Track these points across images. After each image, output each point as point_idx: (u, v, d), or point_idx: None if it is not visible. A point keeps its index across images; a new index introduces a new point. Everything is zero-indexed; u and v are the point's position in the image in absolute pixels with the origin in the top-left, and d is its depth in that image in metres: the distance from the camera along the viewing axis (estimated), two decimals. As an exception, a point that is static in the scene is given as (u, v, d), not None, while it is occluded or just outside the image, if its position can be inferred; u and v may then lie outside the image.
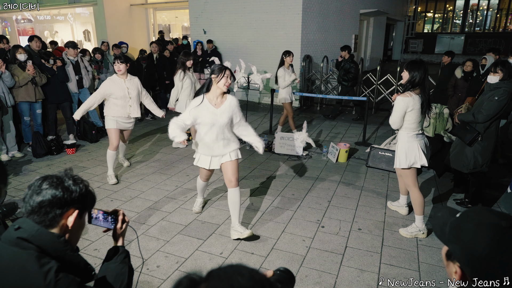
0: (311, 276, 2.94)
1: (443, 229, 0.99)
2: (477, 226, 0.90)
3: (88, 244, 3.35)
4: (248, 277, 0.69)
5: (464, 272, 0.92)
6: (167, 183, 4.78)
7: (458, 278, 0.95)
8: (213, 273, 0.72)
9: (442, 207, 1.07)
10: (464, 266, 0.91)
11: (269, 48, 9.62)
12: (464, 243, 0.91)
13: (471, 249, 0.89)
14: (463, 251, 0.91)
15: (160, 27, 15.05)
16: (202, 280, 0.71)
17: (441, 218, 1.02)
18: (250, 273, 0.71)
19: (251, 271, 0.72)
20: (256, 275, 0.71)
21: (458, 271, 0.94)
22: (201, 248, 3.32)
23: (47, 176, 1.27)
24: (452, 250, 0.95)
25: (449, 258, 0.98)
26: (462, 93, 6.38)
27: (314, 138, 6.63)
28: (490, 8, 23.26)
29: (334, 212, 4.01)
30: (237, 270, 0.72)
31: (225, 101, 3.29)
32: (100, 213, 1.50)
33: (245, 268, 0.73)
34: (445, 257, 1.00)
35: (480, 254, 0.87)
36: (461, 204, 4.16)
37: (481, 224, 0.90)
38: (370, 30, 15.48)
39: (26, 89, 5.60)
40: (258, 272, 0.73)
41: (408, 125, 3.35)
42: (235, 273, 0.70)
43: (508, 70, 3.62)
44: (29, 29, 16.53)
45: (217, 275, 0.71)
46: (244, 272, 0.71)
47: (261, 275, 0.73)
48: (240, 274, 0.70)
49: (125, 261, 1.51)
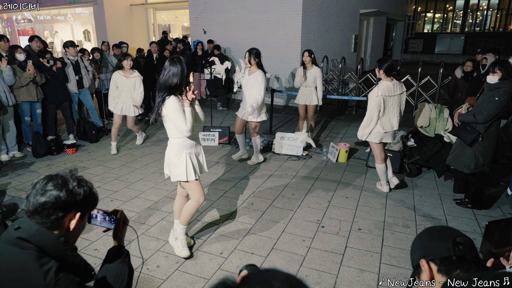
0: (311, 276, 2.94)
1: (413, 257, 1.31)
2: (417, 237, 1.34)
3: (88, 244, 3.35)
4: (286, 282, 0.68)
5: (428, 262, 1.20)
6: (167, 183, 4.78)
7: (428, 271, 1.20)
8: (250, 278, 0.71)
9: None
10: (424, 256, 1.22)
11: (269, 48, 9.62)
12: (414, 246, 1.31)
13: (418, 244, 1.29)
14: (416, 250, 1.28)
15: (160, 27, 15.04)
16: (237, 286, 0.70)
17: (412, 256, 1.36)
18: (287, 278, 0.70)
19: (287, 276, 0.71)
20: (293, 280, 0.70)
21: (424, 265, 1.20)
22: (201, 248, 3.32)
23: (52, 176, 1.26)
24: (413, 260, 1.27)
25: (419, 274, 1.25)
26: (462, 93, 6.38)
27: (314, 138, 6.63)
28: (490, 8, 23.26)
29: (334, 212, 4.01)
30: (274, 275, 0.70)
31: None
32: (100, 213, 1.49)
33: (281, 272, 0.72)
34: (418, 278, 1.26)
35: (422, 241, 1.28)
36: (461, 204, 4.16)
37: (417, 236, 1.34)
38: (370, 30, 15.47)
39: (27, 89, 5.60)
40: (293, 277, 0.72)
41: None
42: (272, 278, 0.69)
43: (507, 70, 3.61)
44: (29, 29, 16.53)
45: (254, 280, 0.69)
46: (281, 278, 0.70)
47: (297, 280, 0.72)
48: (277, 279, 0.69)
49: (125, 261, 1.51)
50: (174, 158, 2.96)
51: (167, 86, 2.80)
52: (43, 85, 5.88)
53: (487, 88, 3.78)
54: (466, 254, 1.16)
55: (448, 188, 4.61)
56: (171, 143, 3.00)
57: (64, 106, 6.32)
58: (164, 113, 2.83)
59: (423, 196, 4.41)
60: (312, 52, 5.88)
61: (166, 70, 2.81)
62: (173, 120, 2.81)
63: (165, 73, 2.81)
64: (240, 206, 4.12)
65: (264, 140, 6.13)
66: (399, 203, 4.23)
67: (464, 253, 1.16)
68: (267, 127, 7.36)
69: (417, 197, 4.40)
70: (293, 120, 8.23)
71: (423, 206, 4.16)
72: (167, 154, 3.02)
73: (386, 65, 4.08)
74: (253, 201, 4.28)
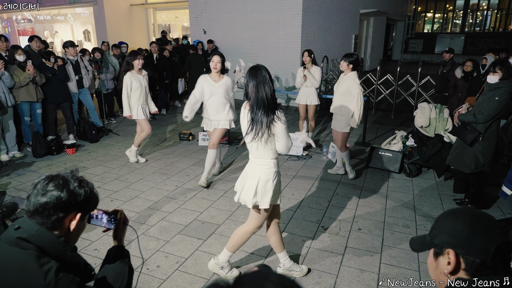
0: (311, 276, 2.94)
1: (423, 240, 1.15)
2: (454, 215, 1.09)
3: (88, 244, 3.35)
4: (278, 283, 0.68)
5: (457, 254, 1.03)
6: (167, 183, 4.78)
7: (453, 266, 1.03)
8: (243, 279, 0.70)
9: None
10: (454, 246, 1.04)
11: (269, 48, 9.63)
12: (447, 227, 1.08)
13: (454, 229, 1.05)
14: (447, 233, 1.06)
15: (160, 27, 15.05)
16: (230, 287, 0.69)
17: (418, 238, 1.20)
18: (280, 278, 0.70)
19: (280, 277, 0.71)
20: (286, 281, 0.70)
21: (451, 256, 1.04)
22: (201, 248, 3.32)
23: (53, 176, 1.26)
24: (440, 240, 1.08)
25: (437, 255, 1.09)
26: (462, 93, 6.39)
27: (314, 138, 6.63)
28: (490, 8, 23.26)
29: (334, 212, 4.01)
30: (267, 275, 0.70)
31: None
32: (100, 213, 1.49)
33: (274, 273, 0.71)
34: (434, 258, 1.10)
35: (462, 231, 1.04)
36: (461, 204, 4.16)
37: (453, 213, 1.10)
38: (370, 30, 15.48)
39: (27, 89, 5.60)
40: (287, 277, 0.72)
41: None
42: (264, 279, 0.69)
43: (507, 70, 3.61)
44: (29, 29, 16.54)
45: (247, 281, 0.69)
46: (274, 278, 0.69)
47: (290, 280, 0.71)
48: (270, 280, 0.69)
49: (125, 261, 1.51)
50: (271, 181, 2.57)
51: (263, 100, 2.42)
52: (43, 85, 5.88)
53: (487, 88, 3.78)
54: (501, 264, 1.02)
55: (448, 188, 4.61)
56: (267, 165, 2.56)
57: (64, 106, 6.32)
58: (273, 131, 2.47)
59: (423, 196, 4.41)
60: (312, 52, 5.88)
61: (252, 83, 2.44)
62: (282, 137, 2.48)
63: (252, 87, 2.44)
64: (240, 206, 4.12)
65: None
66: (399, 203, 4.23)
67: (500, 263, 1.02)
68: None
69: (417, 197, 4.40)
70: (293, 120, 8.22)
71: (423, 206, 4.17)
72: (262, 178, 2.55)
73: (353, 59, 4.43)
74: (253, 201, 4.27)
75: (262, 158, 2.57)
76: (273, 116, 2.44)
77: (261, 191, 2.58)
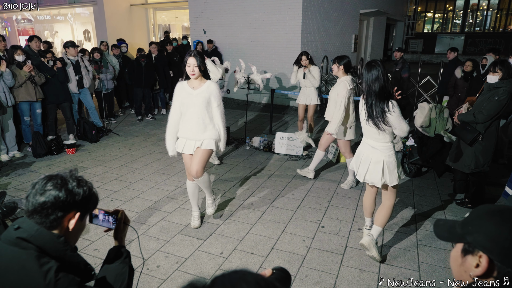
0: (311, 276, 2.94)
1: (452, 230, 1.04)
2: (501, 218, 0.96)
3: (88, 244, 3.35)
4: (254, 284, 0.68)
5: (491, 260, 0.93)
6: (167, 183, 4.78)
7: (482, 271, 0.95)
8: (218, 280, 0.70)
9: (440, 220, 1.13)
10: (491, 252, 0.93)
11: (269, 48, 9.62)
12: (488, 229, 0.95)
13: (497, 235, 0.93)
14: (486, 237, 0.94)
15: (160, 27, 15.04)
16: (206, 287, 0.69)
17: (445, 223, 1.08)
18: (255, 279, 0.69)
19: (256, 277, 0.70)
20: (262, 282, 0.70)
21: (483, 261, 0.94)
22: (201, 248, 3.32)
23: (52, 176, 1.26)
24: (475, 240, 0.97)
25: (467, 252, 0.99)
26: (462, 93, 6.39)
27: (314, 138, 6.63)
28: (490, 8, 23.26)
29: (334, 212, 4.01)
30: (242, 276, 0.70)
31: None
32: (101, 213, 1.49)
33: (250, 274, 0.71)
34: (461, 254, 1.01)
35: (505, 239, 0.91)
36: (461, 204, 4.16)
37: (501, 215, 0.96)
38: (370, 30, 15.47)
39: (26, 88, 5.60)
40: (263, 278, 0.71)
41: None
42: (240, 279, 0.69)
43: (507, 70, 3.62)
44: (29, 29, 16.53)
45: (222, 282, 0.69)
46: (250, 279, 0.69)
47: (266, 281, 0.71)
48: (246, 280, 0.68)
49: (126, 261, 1.51)
50: (394, 161, 3.01)
51: (375, 92, 2.80)
52: (43, 85, 5.87)
53: (486, 87, 3.78)
54: None
55: (448, 188, 4.61)
56: (387, 148, 2.98)
57: (64, 106, 6.32)
58: (388, 119, 2.82)
59: (423, 196, 4.41)
60: (309, 54, 6.02)
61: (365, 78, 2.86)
62: (399, 123, 2.81)
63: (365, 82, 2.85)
64: (240, 206, 4.13)
65: (264, 140, 6.14)
66: (399, 203, 4.23)
67: None
68: (267, 127, 7.37)
69: (417, 197, 4.39)
70: (293, 120, 8.22)
71: (423, 206, 4.16)
72: (387, 160, 2.98)
73: (345, 62, 4.27)
74: (253, 201, 4.28)
75: (382, 142, 2.97)
76: (383, 107, 2.79)
77: (387, 172, 2.99)
